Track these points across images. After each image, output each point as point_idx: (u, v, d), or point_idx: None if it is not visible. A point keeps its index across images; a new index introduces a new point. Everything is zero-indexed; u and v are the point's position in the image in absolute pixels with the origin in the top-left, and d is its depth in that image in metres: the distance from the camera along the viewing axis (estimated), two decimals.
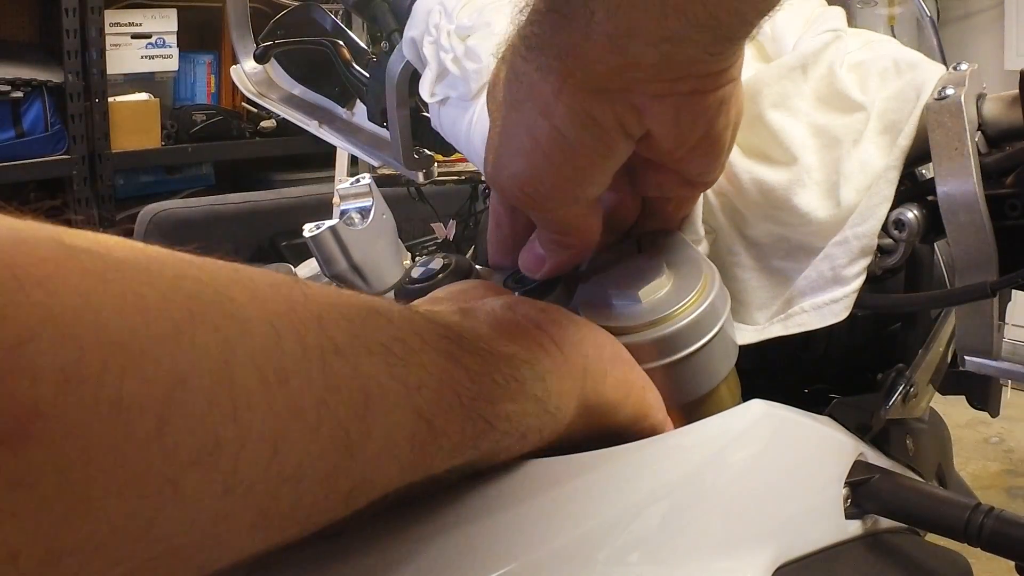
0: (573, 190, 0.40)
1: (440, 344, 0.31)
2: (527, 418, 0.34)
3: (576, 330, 0.39)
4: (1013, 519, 0.41)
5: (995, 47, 2.99)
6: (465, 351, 0.32)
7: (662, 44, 0.34)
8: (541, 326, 0.37)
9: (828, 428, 0.46)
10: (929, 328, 0.55)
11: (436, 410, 0.30)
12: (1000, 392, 0.65)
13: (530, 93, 0.38)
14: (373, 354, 0.28)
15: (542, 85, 0.37)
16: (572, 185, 0.39)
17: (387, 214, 0.60)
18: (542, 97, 0.37)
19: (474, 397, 0.31)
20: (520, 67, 0.38)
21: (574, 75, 0.36)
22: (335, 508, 0.27)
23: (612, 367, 0.39)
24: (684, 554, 0.36)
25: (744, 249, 0.50)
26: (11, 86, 2.50)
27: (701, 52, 0.36)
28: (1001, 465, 2.46)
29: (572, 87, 0.36)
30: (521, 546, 0.32)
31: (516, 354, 0.34)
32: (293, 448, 0.24)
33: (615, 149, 0.39)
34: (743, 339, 0.47)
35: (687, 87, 0.38)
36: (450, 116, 0.59)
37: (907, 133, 0.47)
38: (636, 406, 0.39)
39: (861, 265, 0.47)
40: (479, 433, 0.32)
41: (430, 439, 0.29)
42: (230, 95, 3.11)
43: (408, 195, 2.19)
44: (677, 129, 0.39)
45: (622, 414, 0.39)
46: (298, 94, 0.88)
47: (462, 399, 0.31)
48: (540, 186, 0.39)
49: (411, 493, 0.31)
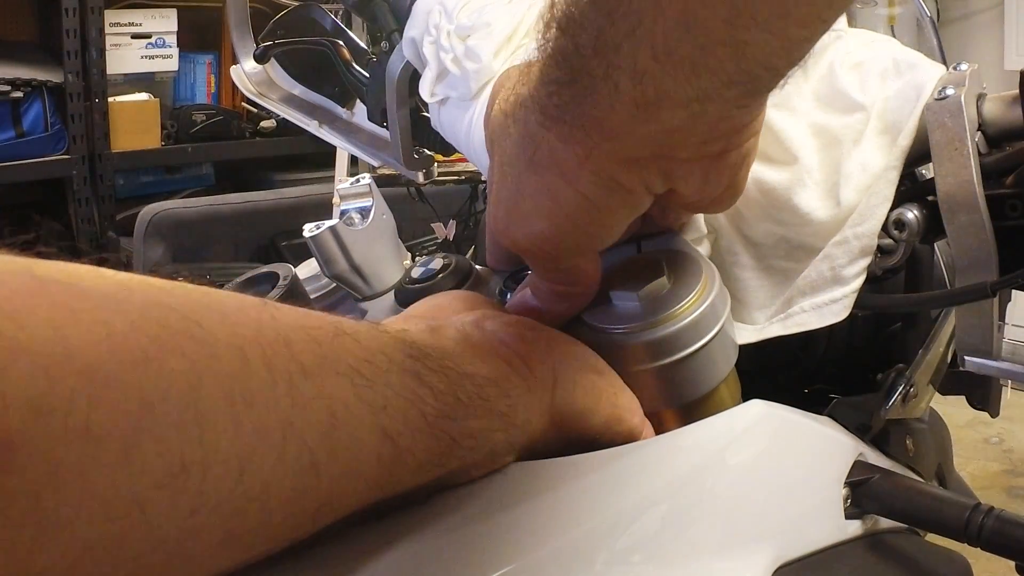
0: (590, 245, 0.40)
1: (406, 363, 0.32)
2: (493, 434, 0.34)
3: (544, 342, 0.39)
4: (1013, 519, 0.41)
5: (995, 47, 2.99)
6: (431, 370, 0.32)
7: (691, 104, 0.33)
8: (508, 343, 0.38)
9: (828, 428, 0.46)
10: (929, 328, 0.55)
11: (401, 429, 0.30)
12: (1000, 392, 0.65)
13: (551, 160, 0.36)
14: (340, 375, 0.28)
15: (564, 153, 0.36)
16: (590, 241, 0.39)
17: (387, 214, 0.60)
18: (565, 165, 0.36)
19: (439, 416, 0.32)
20: (538, 134, 0.36)
21: (600, 147, 0.35)
22: (303, 526, 0.28)
23: (581, 375, 0.39)
24: (684, 554, 0.36)
25: (744, 249, 0.50)
26: (11, 86, 2.50)
27: (730, 107, 0.34)
28: (1001, 465, 2.46)
29: (598, 157, 0.35)
30: (521, 546, 0.32)
31: (480, 372, 0.35)
32: (259, 469, 0.25)
33: (640, 207, 0.38)
34: (743, 339, 0.47)
35: (716, 148, 0.37)
36: (450, 116, 0.59)
37: (907, 133, 0.47)
38: (608, 412, 0.39)
39: (861, 265, 0.47)
40: (444, 451, 0.32)
41: (395, 457, 0.30)
42: (230, 95, 3.11)
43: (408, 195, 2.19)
44: (703, 186, 0.39)
45: (595, 420, 0.39)
46: (298, 94, 0.88)
47: (427, 418, 0.31)
48: (558, 243, 0.39)
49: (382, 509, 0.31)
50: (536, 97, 0.36)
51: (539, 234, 0.38)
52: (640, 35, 0.31)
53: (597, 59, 0.32)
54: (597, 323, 0.41)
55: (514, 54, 0.55)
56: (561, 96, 0.35)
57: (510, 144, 0.38)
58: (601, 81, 0.33)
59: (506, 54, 0.55)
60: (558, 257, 0.40)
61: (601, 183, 0.36)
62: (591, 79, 0.33)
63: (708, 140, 0.36)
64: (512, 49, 0.55)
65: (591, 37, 0.32)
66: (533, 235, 0.38)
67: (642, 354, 0.40)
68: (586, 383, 0.39)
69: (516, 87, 0.38)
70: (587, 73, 0.33)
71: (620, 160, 0.35)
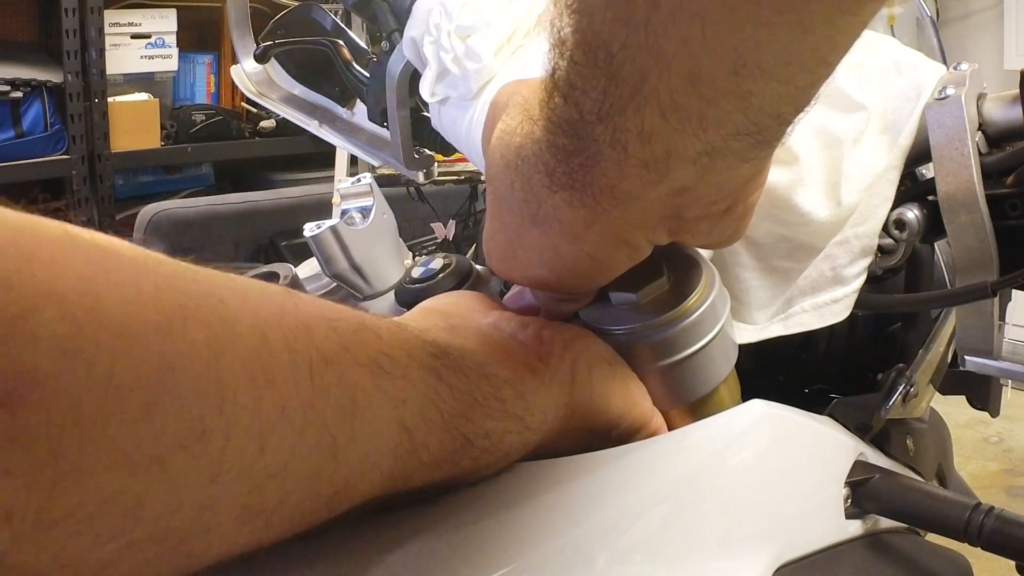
0: (591, 287, 0.41)
1: (427, 360, 0.32)
2: (507, 435, 0.35)
3: (561, 340, 0.39)
4: (1013, 519, 0.41)
5: (995, 47, 2.99)
6: (450, 369, 0.33)
7: (700, 158, 0.33)
8: (527, 344, 0.38)
9: (828, 428, 0.46)
10: (929, 328, 0.55)
11: (419, 424, 0.30)
12: (1000, 392, 0.65)
13: (556, 220, 0.36)
14: (361, 366, 0.29)
15: (571, 217, 0.35)
16: (593, 284, 0.40)
17: (388, 214, 0.60)
18: (571, 227, 0.36)
19: (455, 414, 0.32)
20: (542, 194, 0.36)
21: (609, 212, 0.35)
22: (318, 511, 0.28)
23: (597, 368, 0.39)
24: (684, 554, 0.36)
25: (744, 249, 0.50)
26: (11, 86, 2.50)
27: (738, 161, 0.34)
28: (1001, 465, 2.47)
29: (605, 221, 0.35)
30: (521, 546, 0.32)
31: (498, 373, 0.35)
32: (280, 446, 0.25)
33: (643, 257, 0.39)
34: (743, 339, 0.47)
35: (724, 206, 0.37)
36: (450, 116, 0.59)
37: (907, 133, 0.47)
38: (622, 400, 0.40)
39: (862, 265, 0.47)
40: (458, 449, 0.32)
41: (411, 451, 0.30)
42: (230, 95, 3.11)
43: (408, 195, 2.19)
44: (708, 238, 0.40)
45: (611, 410, 0.39)
46: (298, 94, 0.88)
47: (444, 416, 0.32)
48: (559, 288, 0.40)
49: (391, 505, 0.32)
50: (542, 159, 0.35)
51: (539, 280, 0.39)
52: (646, 93, 0.30)
53: (603, 125, 0.32)
54: (597, 323, 0.41)
55: (514, 54, 0.55)
56: (570, 164, 0.34)
57: (512, 196, 0.38)
58: (608, 147, 0.33)
59: (506, 54, 0.55)
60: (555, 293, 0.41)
61: (607, 243, 0.36)
62: (598, 146, 0.33)
63: (716, 200, 0.37)
64: (512, 49, 0.55)
65: (595, 102, 0.32)
66: (532, 278, 0.39)
67: (642, 355, 0.40)
68: (602, 374, 0.39)
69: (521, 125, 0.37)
70: (593, 140, 0.33)
71: (629, 223, 0.36)
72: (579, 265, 0.37)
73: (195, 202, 2.61)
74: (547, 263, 0.38)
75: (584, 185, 0.34)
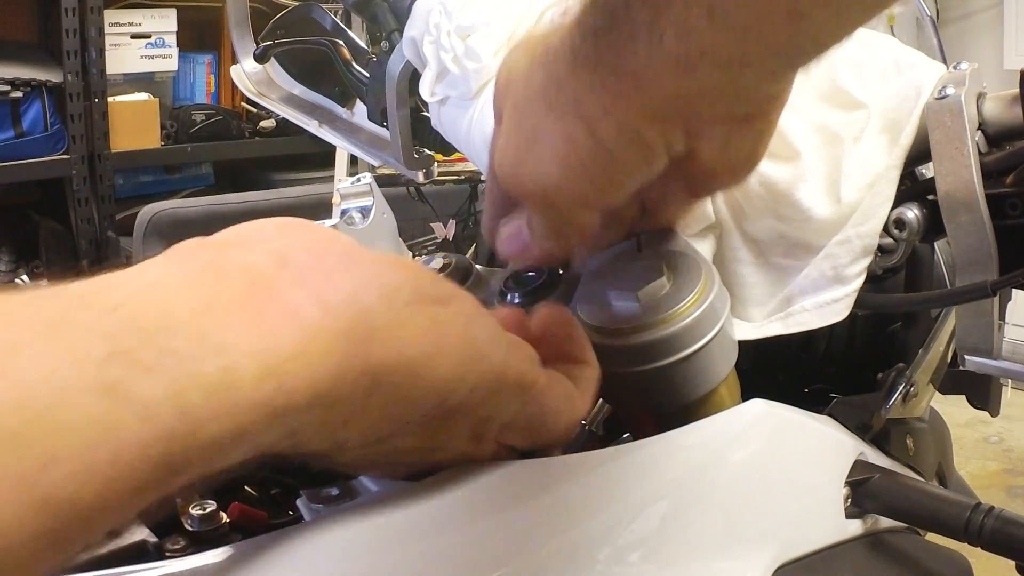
0: (598, 199, 0.39)
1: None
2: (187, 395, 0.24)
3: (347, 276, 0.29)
4: (1013, 518, 0.41)
5: (995, 47, 2.99)
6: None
7: (731, 67, 0.32)
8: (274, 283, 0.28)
9: (828, 428, 0.46)
10: (929, 328, 0.55)
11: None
12: (1000, 392, 0.65)
13: (575, 105, 0.36)
14: None
15: (590, 101, 0.35)
16: (600, 195, 0.38)
17: (387, 213, 0.60)
18: (589, 112, 0.35)
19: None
20: (565, 78, 0.36)
21: (629, 98, 0.35)
22: None
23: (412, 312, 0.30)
24: (684, 554, 0.36)
25: (744, 244, 0.50)
26: (11, 86, 2.50)
27: (766, 76, 0.34)
28: (1001, 464, 2.47)
29: (624, 108, 0.35)
30: (521, 546, 0.32)
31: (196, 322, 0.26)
32: None
33: (656, 165, 0.38)
34: (740, 335, 0.47)
35: (744, 112, 0.37)
36: (450, 115, 0.59)
37: (908, 132, 0.47)
38: (459, 354, 0.31)
39: (862, 264, 0.47)
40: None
41: None
42: (230, 95, 3.11)
43: (408, 195, 2.19)
44: (724, 152, 0.38)
45: (441, 369, 0.30)
46: (298, 94, 0.88)
47: None
48: (567, 192, 0.38)
49: None
50: (569, 42, 0.35)
51: (548, 179, 0.37)
52: None
53: (646, 9, 0.32)
54: (597, 323, 0.41)
55: None
56: (598, 43, 0.34)
57: (531, 86, 0.37)
58: (645, 31, 0.32)
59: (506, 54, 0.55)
60: (562, 206, 0.39)
61: (623, 135, 0.36)
62: (633, 28, 0.33)
63: (737, 103, 0.36)
64: None
65: None
66: (542, 180, 0.38)
67: (642, 355, 0.40)
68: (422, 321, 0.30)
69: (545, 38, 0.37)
70: (630, 21, 0.33)
71: (646, 114, 0.35)
72: (592, 161, 0.36)
73: (195, 202, 2.61)
74: (560, 156, 0.36)
75: (608, 67, 0.34)
